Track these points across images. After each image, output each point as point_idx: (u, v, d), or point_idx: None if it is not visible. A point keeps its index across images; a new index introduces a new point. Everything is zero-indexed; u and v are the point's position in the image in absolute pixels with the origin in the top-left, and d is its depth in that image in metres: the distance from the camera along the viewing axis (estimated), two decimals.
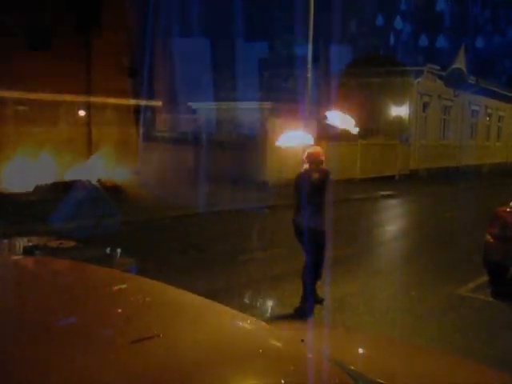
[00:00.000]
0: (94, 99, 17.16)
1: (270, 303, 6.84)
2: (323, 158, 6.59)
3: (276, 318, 6.14)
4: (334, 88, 25.31)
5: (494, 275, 7.80)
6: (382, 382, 1.73)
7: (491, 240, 7.62)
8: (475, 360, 3.00)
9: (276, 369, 1.39)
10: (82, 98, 16.98)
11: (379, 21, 28.24)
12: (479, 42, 33.92)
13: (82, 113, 17.48)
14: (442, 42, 28.85)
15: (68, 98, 16.55)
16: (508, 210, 7.79)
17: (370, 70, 24.89)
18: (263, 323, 1.82)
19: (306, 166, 6.57)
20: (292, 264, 7.95)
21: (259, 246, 10.04)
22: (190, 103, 22.97)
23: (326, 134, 22.99)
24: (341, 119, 7.04)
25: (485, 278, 7.93)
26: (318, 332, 2.76)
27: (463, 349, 5.35)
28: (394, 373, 2.11)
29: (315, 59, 17.28)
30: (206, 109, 21.57)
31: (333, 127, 7.23)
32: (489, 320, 6.58)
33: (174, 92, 22.04)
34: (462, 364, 2.47)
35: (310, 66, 16.12)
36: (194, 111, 22.95)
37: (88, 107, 17.35)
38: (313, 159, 6.53)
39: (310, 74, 16.16)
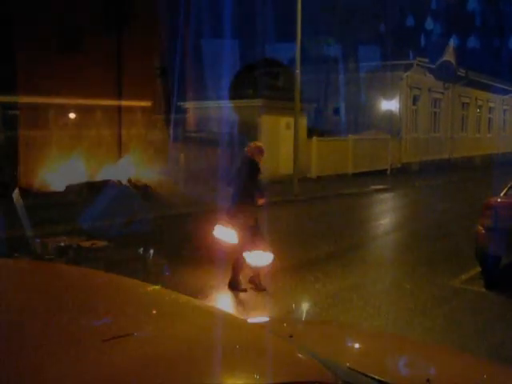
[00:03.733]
0: (124, 102, 17.34)
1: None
2: (249, 152, 7.01)
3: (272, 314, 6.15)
4: (323, 84, 25.38)
5: (486, 266, 7.82)
6: (372, 376, 1.72)
7: (483, 231, 7.62)
8: (469, 351, 3.02)
9: (252, 365, 1.39)
10: (113, 102, 17.05)
11: (410, 21, 27.93)
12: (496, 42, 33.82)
13: (112, 115, 17.50)
14: (472, 42, 28.72)
15: (100, 101, 16.66)
16: (499, 200, 7.81)
17: (360, 64, 24.90)
18: (245, 320, 1.82)
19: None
20: (303, 255, 8.10)
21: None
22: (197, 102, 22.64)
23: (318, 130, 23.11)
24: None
25: (477, 270, 7.96)
26: (310, 327, 2.76)
27: (457, 340, 5.37)
28: (387, 366, 2.11)
29: (303, 59, 17.27)
30: (225, 108, 21.22)
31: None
32: (482, 311, 6.60)
33: (202, 92, 21.86)
34: (456, 356, 2.48)
35: (298, 63, 16.12)
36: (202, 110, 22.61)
37: (119, 109, 17.42)
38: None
39: (298, 70, 16.15)
